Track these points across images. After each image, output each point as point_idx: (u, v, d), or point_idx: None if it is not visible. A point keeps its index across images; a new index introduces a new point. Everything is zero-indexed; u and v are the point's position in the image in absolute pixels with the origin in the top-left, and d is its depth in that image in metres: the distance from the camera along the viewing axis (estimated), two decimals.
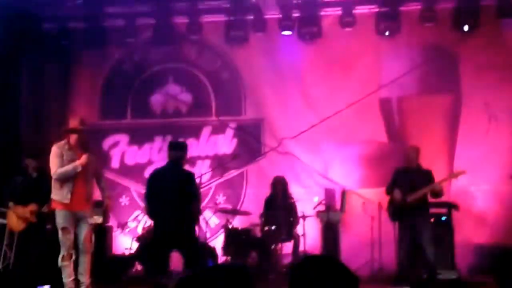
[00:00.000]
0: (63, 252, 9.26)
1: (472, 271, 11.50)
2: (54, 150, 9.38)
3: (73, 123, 9.64)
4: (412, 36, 12.70)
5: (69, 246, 9.26)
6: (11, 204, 10.90)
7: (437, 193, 10.33)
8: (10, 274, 3.54)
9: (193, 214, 9.23)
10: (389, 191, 10.60)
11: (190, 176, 9.43)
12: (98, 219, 11.96)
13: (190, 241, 9.32)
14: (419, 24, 12.51)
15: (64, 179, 9.22)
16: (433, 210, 10.80)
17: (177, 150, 9.47)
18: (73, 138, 9.40)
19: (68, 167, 9.20)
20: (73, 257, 9.38)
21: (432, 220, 10.70)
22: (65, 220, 9.23)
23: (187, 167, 13.16)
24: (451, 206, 11.25)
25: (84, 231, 9.31)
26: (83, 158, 9.25)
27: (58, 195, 9.28)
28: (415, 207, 10.29)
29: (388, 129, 12.99)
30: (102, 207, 10.75)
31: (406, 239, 10.40)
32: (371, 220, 11.78)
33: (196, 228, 9.67)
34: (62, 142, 9.44)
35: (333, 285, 2.65)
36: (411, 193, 10.31)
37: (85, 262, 9.36)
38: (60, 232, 9.29)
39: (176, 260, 11.32)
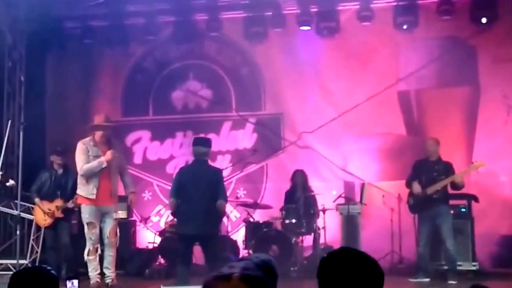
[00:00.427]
0: (89, 246, 9.49)
1: (495, 263, 11.57)
2: (80, 146, 9.59)
3: (98, 119, 9.82)
4: (430, 29, 12.73)
5: (95, 241, 9.49)
6: (37, 199, 11.09)
7: (457, 185, 10.41)
8: (38, 268, 3.69)
9: (220, 212, 9.26)
10: (409, 184, 10.70)
11: (218, 173, 9.49)
12: (122, 214, 12.18)
13: (214, 237, 9.46)
14: (437, 17, 12.52)
15: (89, 175, 9.43)
16: (453, 202, 10.85)
17: (203, 146, 9.54)
18: (98, 134, 9.61)
19: (94, 163, 9.42)
20: (99, 251, 9.61)
21: (452, 212, 10.74)
22: (91, 215, 9.46)
23: None
24: (471, 198, 11.28)
25: (109, 226, 9.52)
26: (108, 154, 9.45)
27: (84, 190, 9.50)
28: (436, 199, 10.39)
29: (406, 122, 13.04)
30: (126, 202, 10.97)
31: (426, 231, 10.49)
32: (391, 212, 11.87)
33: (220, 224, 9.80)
34: (87, 138, 9.66)
35: (359, 278, 2.69)
36: (431, 185, 10.41)
37: (110, 256, 9.57)
38: (86, 227, 9.52)
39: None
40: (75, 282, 4.56)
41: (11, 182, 10.82)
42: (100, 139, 9.62)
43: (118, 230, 9.75)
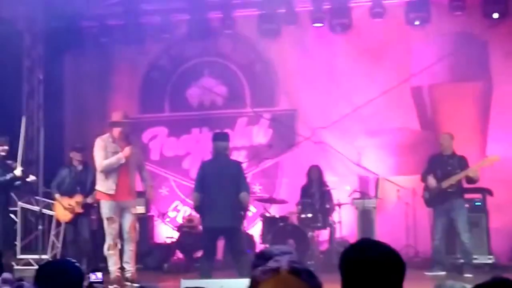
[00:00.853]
0: (109, 241, 9.61)
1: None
2: (98, 143, 9.73)
3: (117, 116, 9.95)
4: (442, 24, 12.84)
5: (114, 236, 9.61)
6: (58, 195, 11.20)
7: (472, 179, 10.51)
8: (63, 261, 3.78)
9: (244, 204, 9.32)
10: (424, 178, 10.81)
11: (239, 165, 9.60)
12: (140, 209, 12.36)
13: (239, 230, 9.53)
14: (449, 13, 12.62)
15: (109, 171, 9.57)
16: (468, 196, 10.96)
17: (223, 141, 9.62)
18: (117, 131, 9.73)
19: (112, 159, 9.56)
20: (119, 246, 9.76)
21: (467, 205, 10.83)
22: (110, 210, 9.59)
23: None
24: (485, 192, 11.36)
25: (129, 221, 9.65)
26: (126, 150, 9.58)
27: (104, 186, 9.64)
28: (451, 193, 10.50)
29: (420, 116, 13.15)
30: (144, 197, 11.14)
31: (441, 225, 10.59)
32: (406, 206, 12.00)
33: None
34: (106, 135, 9.79)
35: (382, 269, 2.74)
36: (446, 179, 10.53)
37: (130, 250, 9.70)
38: (105, 222, 9.65)
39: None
40: (99, 274, 4.61)
41: (31, 177, 11.03)
42: (119, 135, 9.74)
43: (137, 225, 9.90)
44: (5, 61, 12.58)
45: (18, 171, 10.43)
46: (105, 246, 9.66)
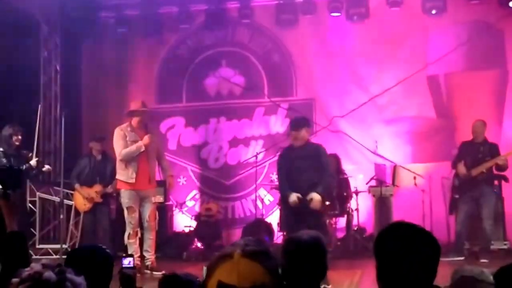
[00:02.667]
0: (129, 230, 9.68)
1: None
2: (118, 132, 9.82)
3: (135, 105, 10.04)
4: (458, 13, 12.88)
5: (134, 225, 9.69)
6: (77, 185, 11.35)
7: (501, 167, 10.56)
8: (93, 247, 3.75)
9: (328, 188, 9.01)
10: (454, 165, 10.85)
11: (320, 149, 8.90)
12: (159, 198, 12.48)
13: (321, 217, 9.06)
14: (465, 2, 12.68)
15: (128, 160, 9.65)
16: None
17: (300, 127, 8.82)
18: (135, 120, 9.83)
19: (132, 148, 9.64)
20: (139, 235, 9.86)
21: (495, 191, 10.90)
22: (130, 199, 9.67)
23: (241, 147, 13.70)
24: (501, 178, 11.40)
25: (148, 210, 9.73)
26: (146, 138, 9.66)
27: (123, 175, 9.73)
28: (480, 180, 10.55)
29: (436, 105, 13.19)
30: (163, 187, 11.23)
31: (467, 212, 10.67)
32: (422, 193, 12.06)
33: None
34: (125, 124, 9.88)
35: (418, 250, 2.78)
36: (476, 166, 10.58)
37: (150, 239, 9.78)
38: (125, 211, 9.74)
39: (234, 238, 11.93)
40: (131, 260, 4.58)
41: (46, 167, 11.13)
42: (137, 124, 9.84)
43: (157, 214, 9.99)
44: (22, 52, 12.67)
45: (33, 161, 10.45)
46: (125, 235, 9.73)
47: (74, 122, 13.31)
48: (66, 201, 11.56)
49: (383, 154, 13.01)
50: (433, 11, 12.88)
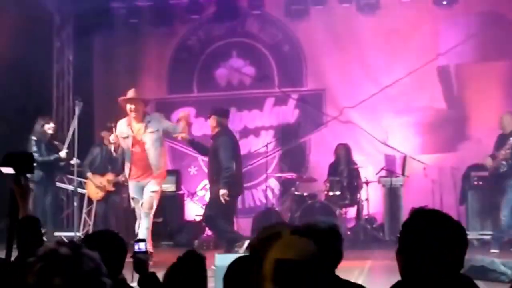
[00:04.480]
0: (138, 219, 9.74)
1: None
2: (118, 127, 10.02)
3: (130, 93, 10.21)
4: (469, 4, 12.90)
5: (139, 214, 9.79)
6: (90, 174, 11.44)
7: None
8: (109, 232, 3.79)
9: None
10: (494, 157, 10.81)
11: None
12: (171, 187, 12.57)
13: None
14: None
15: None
16: None
17: None
18: (130, 109, 9.90)
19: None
20: None
21: None
22: (132, 190, 9.97)
23: (251, 137, 13.73)
24: None
25: (145, 197, 9.62)
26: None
27: (127, 167, 9.87)
28: (506, 172, 10.55)
29: (446, 96, 13.22)
30: (174, 176, 11.27)
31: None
32: (432, 184, 12.09)
33: None
34: (124, 118, 10.02)
35: (443, 235, 2.67)
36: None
37: (145, 228, 9.54)
38: (132, 202, 9.91)
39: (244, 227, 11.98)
40: (143, 244, 4.55)
41: (75, 160, 11.00)
42: (135, 114, 9.81)
43: (155, 203, 9.71)
44: (35, 42, 12.73)
45: (63, 153, 10.61)
46: (136, 224, 9.81)
47: (86, 112, 13.37)
48: (79, 190, 11.65)
49: (393, 145, 13.05)
50: (444, 2, 12.91)
